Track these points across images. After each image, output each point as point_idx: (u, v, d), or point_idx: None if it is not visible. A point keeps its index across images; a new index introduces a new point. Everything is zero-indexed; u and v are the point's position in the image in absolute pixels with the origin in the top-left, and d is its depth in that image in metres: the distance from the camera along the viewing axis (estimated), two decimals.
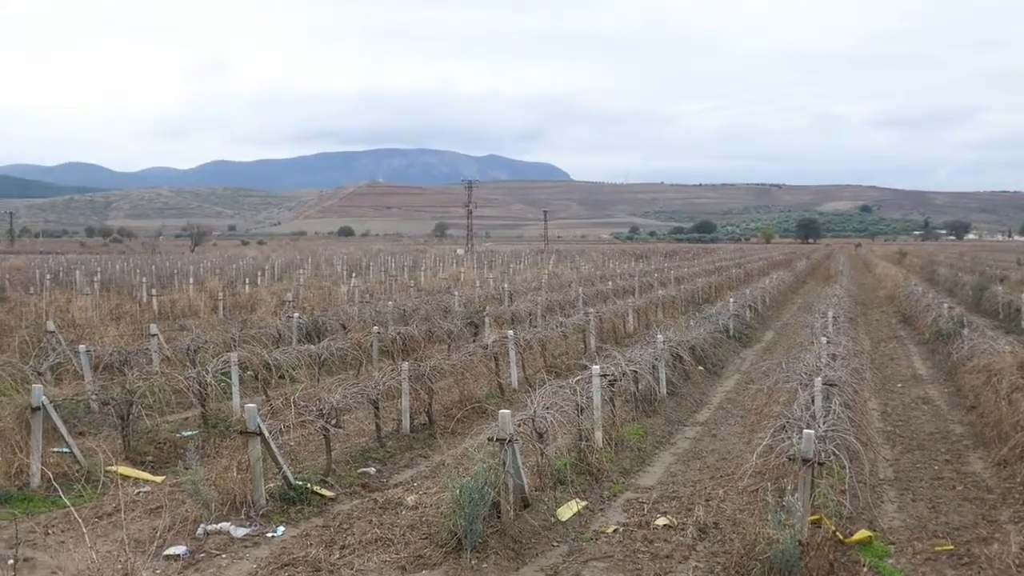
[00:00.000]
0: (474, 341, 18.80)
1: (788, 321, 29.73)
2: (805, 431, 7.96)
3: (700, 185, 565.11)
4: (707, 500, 9.76)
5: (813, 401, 10.38)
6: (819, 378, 10.96)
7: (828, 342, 15.10)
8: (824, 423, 9.21)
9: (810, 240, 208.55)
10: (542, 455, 9.65)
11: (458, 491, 7.93)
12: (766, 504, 7.98)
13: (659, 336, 15.80)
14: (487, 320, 21.84)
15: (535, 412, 9.58)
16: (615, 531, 8.85)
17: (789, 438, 8.54)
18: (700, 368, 18.16)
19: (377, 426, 12.11)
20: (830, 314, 20.07)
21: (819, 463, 7.99)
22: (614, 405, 12.67)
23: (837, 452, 8.57)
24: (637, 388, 13.86)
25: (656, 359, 14.99)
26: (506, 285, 34.20)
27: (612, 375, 12.59)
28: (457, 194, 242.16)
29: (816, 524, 8.04)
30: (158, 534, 8.13)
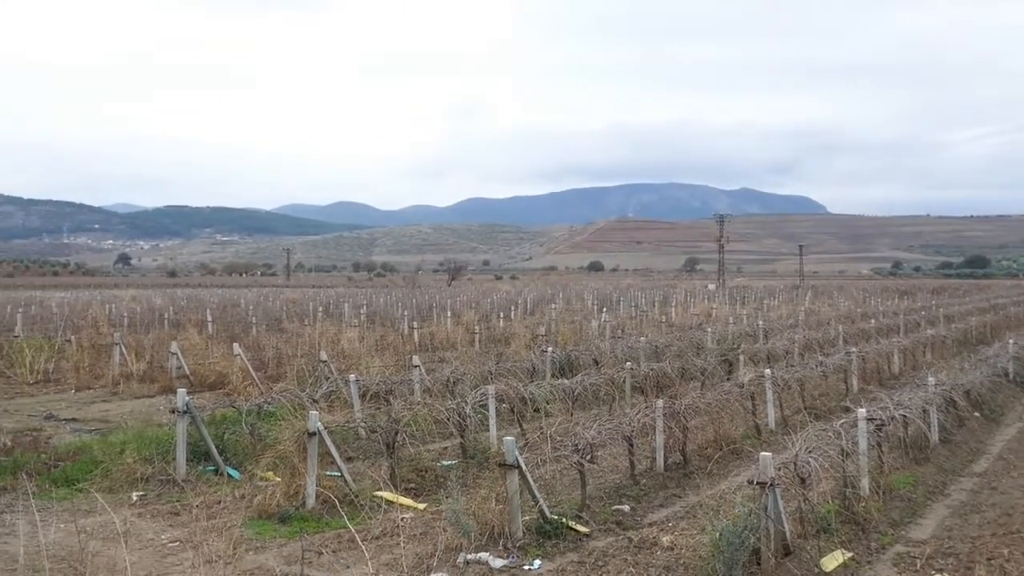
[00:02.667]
0: (728, 379, 18.36)
1: None
2: None
3: (971, 217, 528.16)
4: (989, 559, 8.96)
5: None
6: None
7: None
8: None
9: None
10: (804, 501, 9.22)
11: (717, 534, 7.71)
12: None
13: (930, 378, 14.81)
14: (741, 358, 21.30)
15: (797, 455, 9.18)
16: None
17: None
18: (976, 414, 16.84)
19: (631, 463, 12.02)
20: None
21: None
22: (881, 451, 11.94)
23: None
24: (906, 433, 13.02)
25: (927, 403, 14.02)
26: (760, 322, 33.32)
27: (879, 419, 11.89)
28: (708, 228, 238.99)
29: None
30: (422, 560, 8.40)
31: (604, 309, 45.78)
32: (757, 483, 8.20)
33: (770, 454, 8.48)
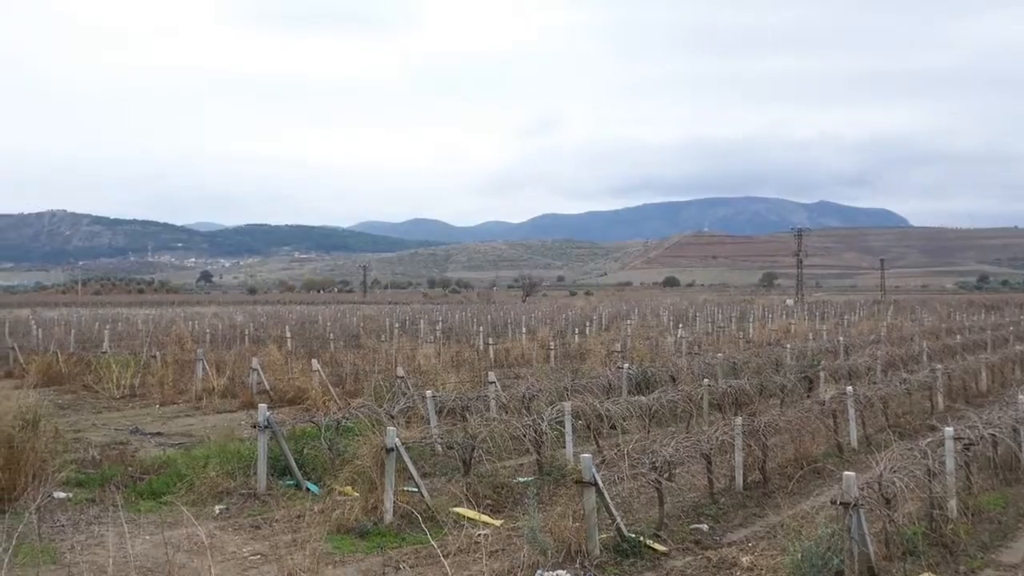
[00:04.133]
0: (808, 396, 18.06)
1: None
2: None
3: None
4: None
5: None
6: None
7: None
8: None
9: None
10: (890, 522, 8.99)
11: (799, 555, 7.57)
12: None
13: (1020, 396, 14.33)
14: (822, 375, 20.92)
15: (881, 475, 8.97)
16: None
17: None
18: None
19: (710, 481, 11.87)
20: None
21: None
22: (969, 471, 11.60)
23: None
24: (995, 453, 12.64)
25: (1017, 422, 13.59)
26: (841, 338, 32.70)
27: (967, 438, 11.55)
28: (786, 242, 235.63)
29: None
30: None
31: (680, 325, 45.40)
32: (840, 503, 8.03)
33: (853, 474, 8.31)
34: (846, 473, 8.20)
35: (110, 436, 16.93)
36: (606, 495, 9.30)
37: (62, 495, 11.78)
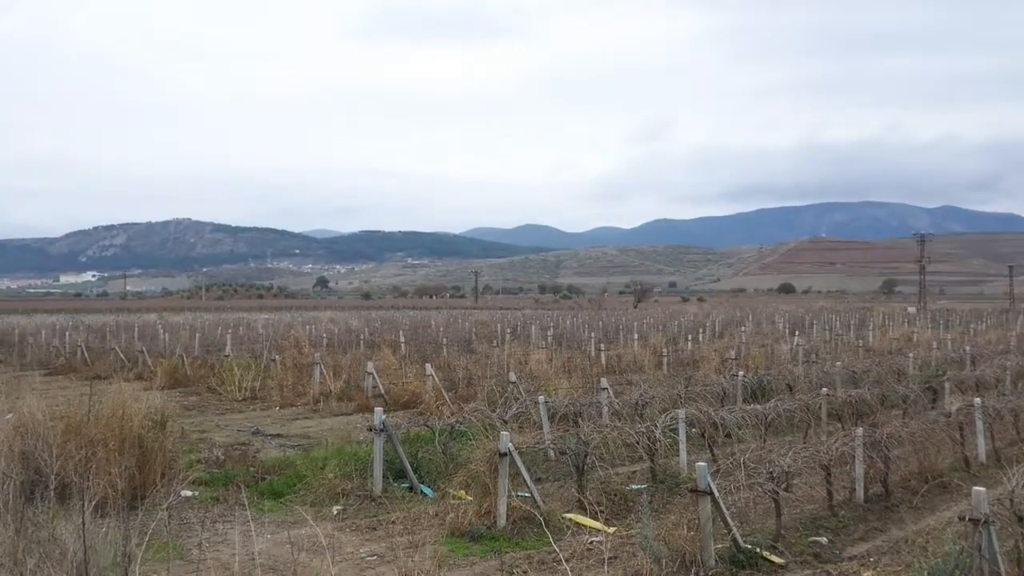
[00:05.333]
0: (933, 408, 17.43)
1: None
2: None
3: None
4: None
5: None
6: None
7: None
8: None
9: None
10: (1023, 540, 8.60)
11: (925, 572, 7.31)
12: None
13: None
14: (947, 385, 20.16)
15: (1013, 491, 8.59)
16: None
17: None
18: None
19: (829, 493, 11.56)
20: None
21: None
22: None
23: None
24: None
25: None
26: (967, 347, 31.47)
27: None
28: (907, 248, 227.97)
29: None
30: None
31: (796, 332, 44.44)
32: (969, 519, 7.71)
33: (983, 489, 7.98)
34: (976, 488, 7.88)
35: (233, 437, 17.48)
36: (722, 504, 9.15)
37: (188, 493, 12.21)
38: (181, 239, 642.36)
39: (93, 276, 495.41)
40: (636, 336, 40.02)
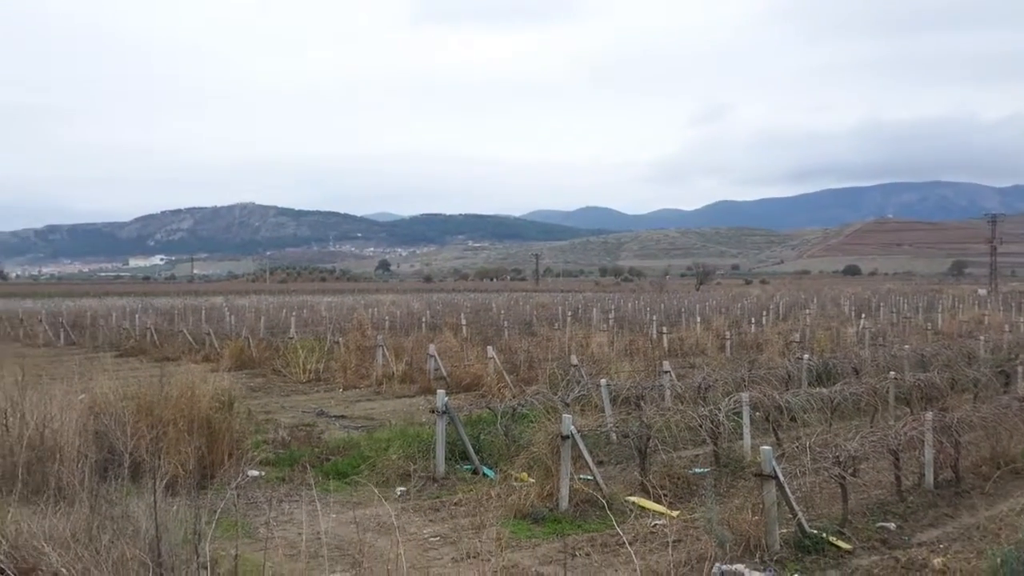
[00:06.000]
0: (1005, 392, 17.02)
1: None
2: None
3: None
4: None
5: None
6: None
7: None
8: None
9: None
10: None
11: (998, 560, 7.16)
12: None
13: None
14: (1020, 369, 19.68)
15: None
16: None
17: None
18: None
19: (897, 478, 11.36)
20: None
21: None
22: None
23: None
24: None
25: None
26: None
27: None
28: (976, 229, 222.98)
29: None
30: (676, 568, 8.31)
31: (862, 315, 43.71)
32: None
33: None
34: None
35: (297, 418, 17.72)
36: (787, 488, 9.05)
37: (255, 473, 12.42)
38: (246, 223, 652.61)
39: (161, 260, 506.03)
40: (698, 319, 39.71)
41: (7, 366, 13.36)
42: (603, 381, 15.40)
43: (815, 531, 9.25)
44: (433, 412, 12.76)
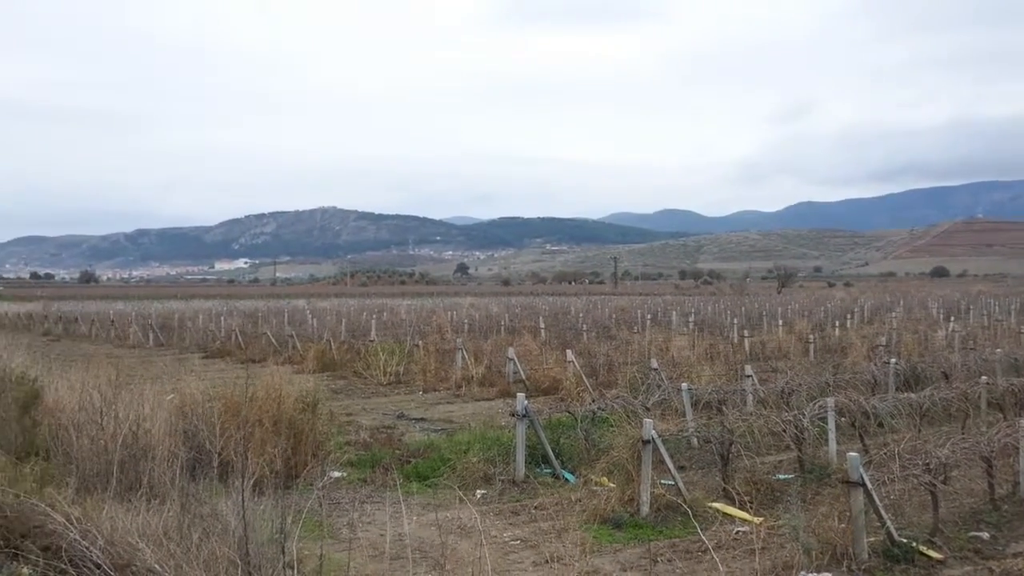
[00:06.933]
0: None
1: None
2: None
3: None
4: None
5: None
6: None
7: None
8: None
9: None
10: None
11: None
12: None
13: None
14: None
15: None
16: None
17: None
18: None
19: (990, 486, 11.03)
20: None
21: None
22: None
23: None
24: None
25: None
26: None
27: None
28: None
29: None
30: (759, 575, 8.19)
31: (951, 318, 42.53)
32: None
33: None
34: None
35: (378, 420, 17.92)
36: (875, 496, 8.85)
37: (337, 474, 12.60)
38: (327, 227, 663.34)
39: (245, 263, 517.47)
40: (780, 322, 39.08)
41: (101, 366, 13.72)
42: (684, 385, 15.26)
43: (904, 540, 9.02)
44: (513, 415, 12.78)
